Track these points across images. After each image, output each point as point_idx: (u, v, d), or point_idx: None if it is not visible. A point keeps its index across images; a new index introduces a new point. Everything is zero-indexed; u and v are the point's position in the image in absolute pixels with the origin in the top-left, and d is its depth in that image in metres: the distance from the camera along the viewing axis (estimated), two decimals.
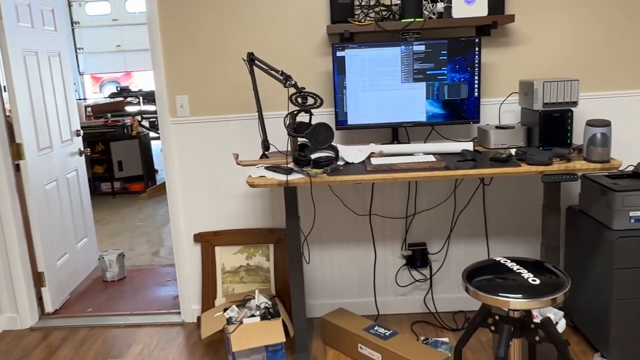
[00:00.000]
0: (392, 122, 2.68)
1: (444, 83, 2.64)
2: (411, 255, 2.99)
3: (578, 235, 2.64)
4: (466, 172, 2.17)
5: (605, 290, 2.40)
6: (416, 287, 3.05)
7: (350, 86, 2.65)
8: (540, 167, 2.17)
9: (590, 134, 2.19)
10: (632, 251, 2.32)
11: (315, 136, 2.14)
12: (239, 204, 2.98)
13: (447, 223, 2.96)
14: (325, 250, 3.02)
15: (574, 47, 2.76)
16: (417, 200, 2.94)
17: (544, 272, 1.90)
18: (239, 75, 2.84)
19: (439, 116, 2.68)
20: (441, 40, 2.60)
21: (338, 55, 2.62)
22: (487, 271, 1.93)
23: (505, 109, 2.83)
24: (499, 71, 2.79)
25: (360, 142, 2.88)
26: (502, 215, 2.95)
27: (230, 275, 3.02)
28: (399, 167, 2.26)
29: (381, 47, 2.61)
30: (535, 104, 2.45)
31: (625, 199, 2.34)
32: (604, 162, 2.18)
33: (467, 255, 2.99)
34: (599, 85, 2.80)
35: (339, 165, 2.36)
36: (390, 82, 2.65)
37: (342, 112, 2.67)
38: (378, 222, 2.97)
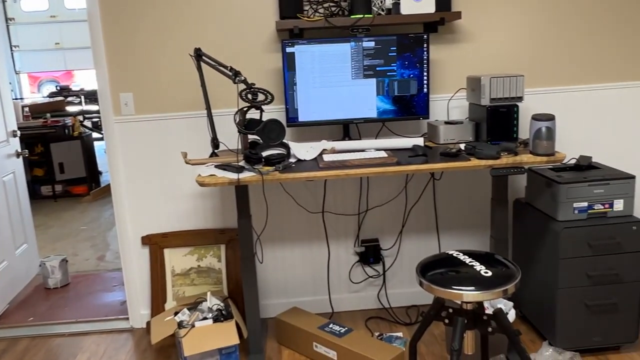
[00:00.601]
0: (343, 118, 2.67)
1: (393, 79, 2.65)
2: (364, 252, 2.99)
3: (525, 227, 2.71)
4: (418, 167, 2.19)
5: (551, 280, 2.47)
6: (370, 283, 3.05)
7: (300, 83, 2.62)
8: (489, 161, 2.21)
9: (536, 128, 2.24)
10: (577, 241, 2.39)
11: (267, 133, 2.10)
12: (189, 204, 2.90)
13: (399, 218, 2.98)
14: (278, 249, 2.98)
15: (518, 43, 2.83)
16: (369, 197, 2.94)
17: (495, 264, 1.93)
18: (186, 71, 2.76)
19: (389, 112, 2.69)
20: (390, 37, 2.61)
21: (288, 52, 2.58)
22: (440, 265, 1.95)
23: (453, 104, 2.87)
24: (447, 67, 2.83)
25: (311, 139, 2.86)
26: (453, 209, 2.99)
27: (181, 277, 2.93)
28: (351, 163, 2.25)
29: (331, 43, 2.59)
30: (483, 99, 2.49)
31: (569, 190, 2.41)
32: (549, 155, 2.23)
33: (419, 250, 3.02)
34: (542, 80, 2.88)
35: (291, 162, 2.33)
36: (340, 79, 2.63)
37: (292, 109, 2.64)
38: (331, 220, 2.96)
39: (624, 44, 2.87)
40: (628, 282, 2.45)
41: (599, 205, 2.45)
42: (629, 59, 2.89)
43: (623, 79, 2.91)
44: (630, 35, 2.86)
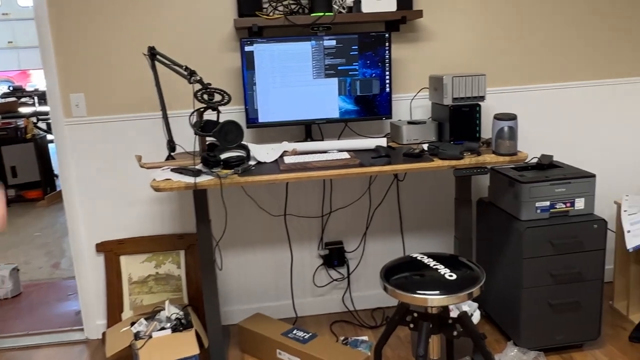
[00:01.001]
0: (305, 119, 2.61)
1: (355, 79, 2.60)
2: (328, 255, 2.93)
3: (488, 226, 2.70)
4: (381, 169, 2.14)
5: (515, 280, 2.46)
6: (334, 286, 3.00)
7: (260, 82, 2.54)
8: (453, 161, 2.18)
9: (498, 128, 2.22)
10: (539, 241, 2.39)
11: (224, 135, 2.02)
12: (145, 209, 2.79)
13: (363, 220, 2.94)
14: (240, 254, 2.89)
15: (480, 42, 2.82)
16: (332, 199, 2.88)
17: (459, 266, 1.90)
18: (140, 71, 2.65)
19: (351, 112, 2.63)
20: (351, 35, 2.56)
21: (246, 50, 2.50)
22: (404, 268, 1.90)
23: (416, 104, 2.84)
24: (409, 66, 2.80)
25: (272, 141, 2.78)
26: (417, 210, 2.96)
27: (138, 285, 2.82)
28: (313, 165, 2.19)
29: (291, 42, 2.53)
30: (445, 98, 2.47)
31: (531, 190, 2.41)
32: (512, 154, 2.22)
33: (383, 251, 2.98)
34: (503, 79, 2.88)
35: (251, 165, 2.25)
36: (301, 78, 2.57)
37: (252, 110, 2.56)
38: (294, 222, 2.89)
39: (584, 43, 2.90)
40: (589, 281, 2.46)
41: (561, 204, 2.45)
42: (588, 58, 2.92)
43: (582, 78, 2.94)
44: (590, 35, 2.89)
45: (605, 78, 2.96)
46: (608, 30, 2.90)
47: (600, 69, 2.94)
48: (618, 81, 2.96)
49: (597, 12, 2.87)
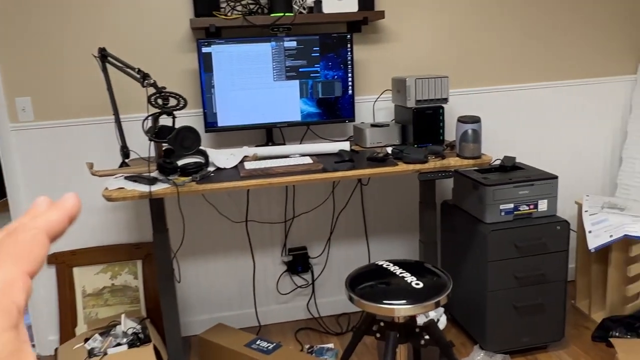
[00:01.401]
0: (266, 122, 2.53)
1: (317, 81, 2.54)
2: (292, 261, 2.86)
3: (453, 229, 2.68)
4: (344, 174, 2.08)
5: (480, 283, 2.45)
6: (298, 293, 2.93)
7: (218, 85, 2.45)
8: (417, 165, 2.14)
9: (462, 131, 2.20)
10: (504, 243, 2.38)
11: (180, 142, 1.92)
12: (99, 217, 2.66)
13: (327, 225, 2.88)
14: (200, 262, 2.79)
15: (442, 43, 2.80)
16: (295, 203, 2.81)
17: (425, 273, 1.86)
18: (91, 73, 2.52)
19: (314, 115, 2.57)
20: (313, 36, 2.49)
21: (204, 52, 2.41)
22: (370, 277, 1.85)
23: (379, 106, 2.80)
24: (372, 68, 2.75)
25: (232, 145, 2.70)
26: (381, 214, 2.92)
27: (93, 298, 2.68)
28: (274, 171, 2.12)
29: (250, 43, 2.44)
30: (409, 101, 2.43)
31: (495, 192, 2.39)
32: (476, 157, 2.20)
33: (348, 256, 2.93)
34: (464, 81, 2.86)
35: (210, 171, 2.16)
36: (261, 80, 2.49)
37: (211, 113, 2.47)
38: (256, 229, 2.81)
39: (545, 45, 2.91)
40: (553, 282, 2.46)
41: (524, 206, 2.45)
42: (550, 60, 2.93)
43: (543, 79, 2.95)
44: (551, 36, 2.90)
45: (566, 79, 2.98)
46: (569, 32, 2.92)
47: (561, 71, 2.96)
48: (578, 82, 2.99)
49: (557, 14, 2.89)
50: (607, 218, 2.59)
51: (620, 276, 2.67)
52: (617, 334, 2.53)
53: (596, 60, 3.00)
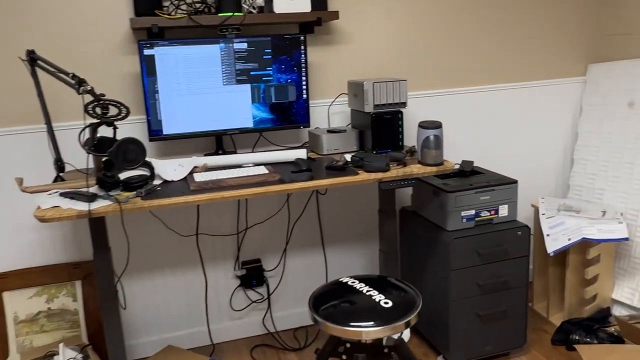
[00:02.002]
0: (215, 129, 2.37)
1: (270, 85, 2.40)
2: (246, 275, 2.71)
3: (413, 237, 2.60)
4: (303, 185, 1.95)
5: (443, 292, 2.37)
6: (254, 308, 2.78)
7: (163, 90, 2.27)
8: (379, 174, 2.04)
9: (424, 137, 2.11)
10: (466, 251, 2.31)
11: (122, 155, 1.74)
12: (32, 236, 2.42)
13: (282, 236, 2.74)
14: (147, 280, 2.59)
15: (398, 45, 2.71)
16: (248, 214, 2.66)
17: (392, 289, 1.75)
18: (20, 78, 2.28)
19: (267, 121, 2.43)
20: (264, 38, 2.35)
21: (146, 54, 2.22)
22: (334, 296, 1.73)
23: (334, 110, 2.68)
24: (326, 71, 2.64)
25: (180, 154, 2.52)
26: (338, 222, 2.81)
27: (27, 325, 2.44)
28: (227, 183, 1.96)
29: (197, 45, 2.27)
30: (367, 105, 2.33)
31: (457, 199, 2.33)
32: (439, 164, 2.12)
33: (305, 267, 2.80)
34: (419, 84, 2.79)
35: (156, 185, 1.98)
36: (210, 85, 2.33)
37: (155, 121, 2.28)
38: (206, 242, 2.63)
39: (501, 47, 2.88)
40: (515, 288, 2.42)
41: (486, 212, 2.39)
42: (501, 62, 2.91)
43: (496, 82, 2.92)
44: (504, 39, 2.87)
45: (518, 81, 2.96)
46: (522, 34, 2.90)
47: (514, 73, 2.94)
48: (531, 84, 2.98)
49: (510, 16, 2.86)
50: (564, 221, 2.58)
51: (578, 278, 2.67)
52: (577, 337, 2.52)
53: (548, 63, 3.00)
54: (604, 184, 2.85)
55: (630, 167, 2.73)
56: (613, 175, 2.81)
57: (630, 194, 2.71)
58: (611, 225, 2.50)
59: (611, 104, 2.87)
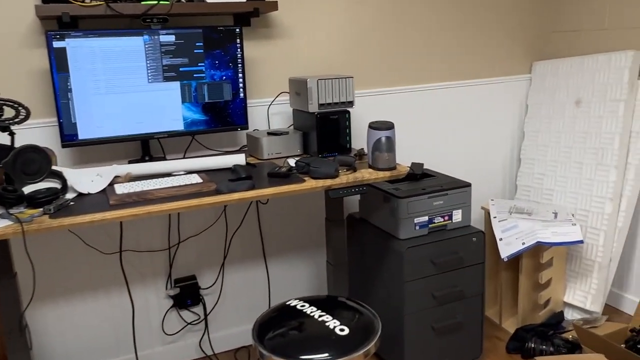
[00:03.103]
0: (140, 133, 2.09)
1: (202, 82, 2.14)
2: (179, 294, 2.43)
3: (362, 246, 2.42)
4: (243, 195, 1.72)
5: (397, 305, 2.20)
6: (189, 330, 2.51)
7: (77, 88, 1.97)
8: (327, 180, 1.83)
9: (375, 139, 1.93)
10: (421, 261, 2.15)
11: (22, 167, 1.44)
12: None
13: (219, 249, 2.49)
14: (63, 307, 2.27)
15: (343, 40, 2.52)
16: (181, 226, 2.39)
17: (347, 312, 1.56)
18: None
19: (199, 123, 2.17)
20: (195, 30, 2.09)
21: (55, 47, 1.92)
22: (281, 322, 1.51)
23: (274, 110, 2.46)
24: (266, 68, 2.41)
25: (100, 162, 2.22)
26: (281, 233, 2.59)
27: None
28: (154, 195, 1.70)
29: (117, 37, 1.99)
30: (311, 105, 2.12)
31: (409, 205, 2.16)
32: (392, 169, 1.94)
33: (246, 283, 2.56)
34: (364, 82, 2.61)
35: (68, 199, 1.69)
36: (133, 82, 2.05)
37: (69, 124, 1.98)
38: (133, 259, 2.34)
39: (445, 45, 2.75)
40: (470, 297, 2.29)
41: (439, 218, 2.25)
42: (447, 60, 2.78)
43: (443, 79, 2.79)
44: (452, 36, 2.75)
45: (464, 79, 2.84)
46: (473, 31, 2.79)
47: (459, 71, 2.82)
48: (477, 82, 2.87)
49: (462, 13, 2.74)
50: (517, 224, 2.48)
51: (531, 283, 2.57)
52: (533, 345, 2.42)
53: (494, 60, 2.90)
54: (553, 184, 2.78)
55: (579, 166, 2.67)
56: (562, 175, 2.75)
57: (580, 193, 2.64)
58: (565, 227, 2.42)
59: (558, 102, 2.81)
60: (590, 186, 2.60)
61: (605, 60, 2.60)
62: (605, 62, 2.60)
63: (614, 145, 2.52)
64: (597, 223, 2.56)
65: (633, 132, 2.53)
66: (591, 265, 2.57)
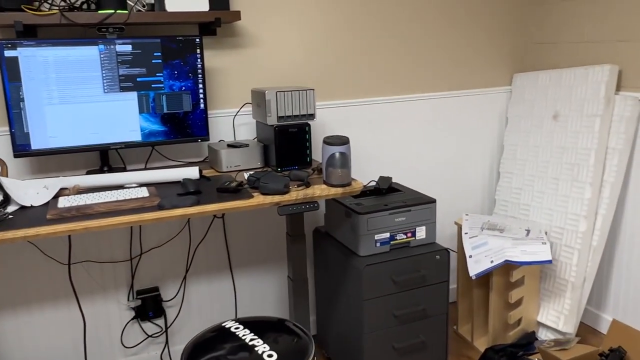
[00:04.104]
0: (96, 144, 2.06)
1: (160, 93, 2.11)
2: (141, 305, 2.40)
3: (326, 260, 2.37)
4: (184, 212, 1.68)
5: (356, 323, 2.15)
6: (151, 342, 2.47)
7: (30, 98, 1.94)
8: (276, 197, 1.79)
9: (329, 154, 1.88)
10: (380, 278, 2.10)
11: None
12: None
13: (183, 260, 2.45)
14: (18, 317, 2.25)
15: (309, 50, 2.48)
16: (143, 237, 2.36)
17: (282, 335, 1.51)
18: None
19: (158, 134, 2.14)
20: (152, 39, 2.06)
21: (7, 56, 1.89)
22: (212, 346, 1.47)
23: (241, 121, 2.42)
24: (232, 78, 2.37)
25: (58, 172, 2.19)
26: (247, 244, 2.54)
27: None
28: (94, 209, 1.66)
29: (71, 46, 1.96)
30: (269, 117, 2.08)
31: (369, 221, 2.11)
32: (345, 185, 1.89)
33: (210, 295, 2.52)
34: (335, 93, 2.56)
35: (7, 213, 1.66)
36: (89, 92, 2.02)
37: (21, 134, 1.96)
38: (94, 270, 2.31)
39: (420, 55, 2.69)
40: (434, 316, 2.23)
41: (402, 235, 2.19)
42: (423, 71, 2.72)
43: (418, 91, 2.73)
44: (426, 46, 2.69)
45: (442, 91, 2.78)
46: (444, 41, 2.73)
47: (437, 82, 2.76)
48: (455, 94, 2.81)
49: (432, 23, 2.68)
50: (487, 241, 2.42)
51: (502, 301, 2.51)
52: None
53: (471, 72, 2.84)
54: (530, 200, 2.71)
55: (555, 182, 2.59)
56: (538, 190, 2.68)
57: (555, 210, 2.57)
58: (534, 246, 2.35)
59: (537, 115, 2.74)
60: (566, 203, 2.53)
61: (582, 73, 2.53)
62: (583, 76, 2.53)
63: (590, 161, 2.45)
64: (571, 241, 2.48)
65: (609, 149, 2.46)
66: (564, 284, 2.50)
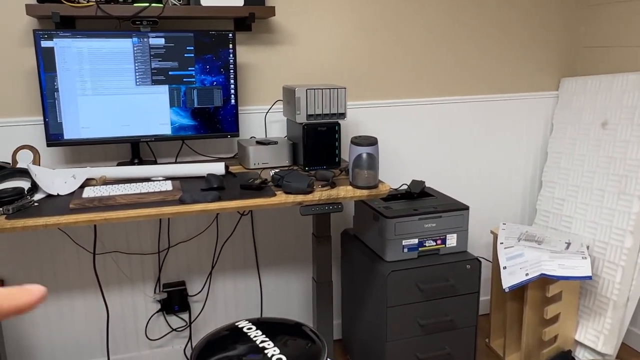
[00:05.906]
0: (126, 136, 2.07)
1: (192, 87, 2.10)
2: (167, 299, 2.41)
3: (352, 263, 2.31)
4: (204, 207, 1.66)
5: (379, 331, 2.09)
6: (175, 336, 2.48)
7: (64, 89, 1.97)
8: (299, 196, 1.75)
9: (355, 155, 1.82)
10: (406, 286, 2.03)
11: None
12: None
13: (209, 256, 2.44)
14: (47, 304, 2.29)
15: (346, 48, 2.42)
16: (171, 230, 2.36)
17: (295, 339, 1.46)
18: None
19: (188, 128, 2.13)
20: (186, 33, 2.06)
21: (43, 47, 1.93)
22: (222, 346, 1.44)
23: (272, 118, 2.39)
24: (265, 74, 2.35)
25: (90, 163, 2.22)
26: (274, 243, 2.51)
27: None
28: (117, 201, 1.66)
29: (105, 38, 1.98)
30: (298, 115, 2.04)
31: (397, 226, 2.04)
32: (371, 187, 1.83)
33: (236, 292, 2.51)
34: (370, 93, 2.50)
35: (33, 201, 1.68)
36: (121, 85, 2.03)
37: (54, 124, 1.99)
38: (122, 261, 2.34)
39: (461, 57, 2.59)
40: (462, 328, 2.14)
41: (431, 242, 2.11)
42: (464, 73, 2.62)
43: (458, 93, 2.63)
44: (468, 48, 2.59)
45: (483, 94, 2.68)
46: (487, 43, 2.62)
47: (478, 85, 2.65)
48: (497, 97, 2.69)
49: (475, 24, 2.58)
50: (523, 252, 2.30)
51: (537, 317, 2.38)
52: None
53: (516, 75, 2.71)
54: (573, 211, 2.57)
55: (600, 194, 2.45)
56: (582, 202, 2.53)
57: (599, 224, 2.43)
58: (574, 260, 2.22)
59: (584, 122, 2.59)
60: (611, 216, 2.38)
61: (635, 79, 2.38)
62: (636, 82, 2.37)
63: (639, 173, 2.29)
64: (615, 257, 2.34)
65: None
66: (606, 302, 2.36)
